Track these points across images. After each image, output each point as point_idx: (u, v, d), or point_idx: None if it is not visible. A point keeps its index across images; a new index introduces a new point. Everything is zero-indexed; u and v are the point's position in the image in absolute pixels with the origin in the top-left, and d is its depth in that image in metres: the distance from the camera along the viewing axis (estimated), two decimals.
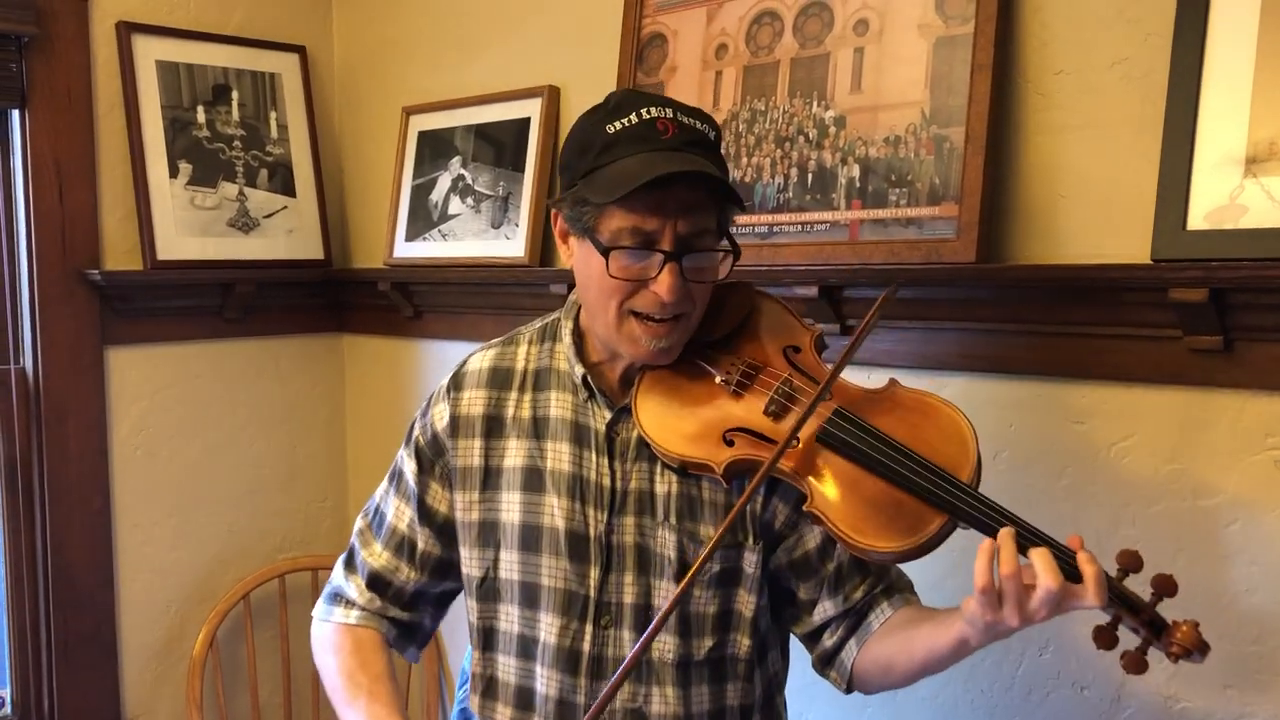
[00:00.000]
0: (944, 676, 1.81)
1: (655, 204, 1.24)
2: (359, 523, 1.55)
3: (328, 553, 2.70)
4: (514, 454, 1.42)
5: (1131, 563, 1.20)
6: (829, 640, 1.41)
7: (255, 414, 2.75)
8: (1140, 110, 1.57)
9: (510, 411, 1.43)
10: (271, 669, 2.71)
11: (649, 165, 1.22)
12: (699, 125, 1.29)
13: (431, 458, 1.47)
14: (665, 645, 1.36)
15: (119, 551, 2.52)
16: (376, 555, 1.50)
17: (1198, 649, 1.17)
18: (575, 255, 1.35)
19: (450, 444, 1.45)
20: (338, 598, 1.52)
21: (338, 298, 2.85)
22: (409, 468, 1.48)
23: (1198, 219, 1.47)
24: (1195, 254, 1.45)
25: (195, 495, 2.64)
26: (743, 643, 1.39)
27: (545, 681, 1.39)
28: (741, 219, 1.94)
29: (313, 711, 2.69)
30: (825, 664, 1.43)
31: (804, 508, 1.27)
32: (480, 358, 1.49)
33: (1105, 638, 1.21)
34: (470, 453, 1.44)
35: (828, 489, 1.27)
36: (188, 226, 2.53)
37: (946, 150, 1.70)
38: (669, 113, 1.27)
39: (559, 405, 1.41)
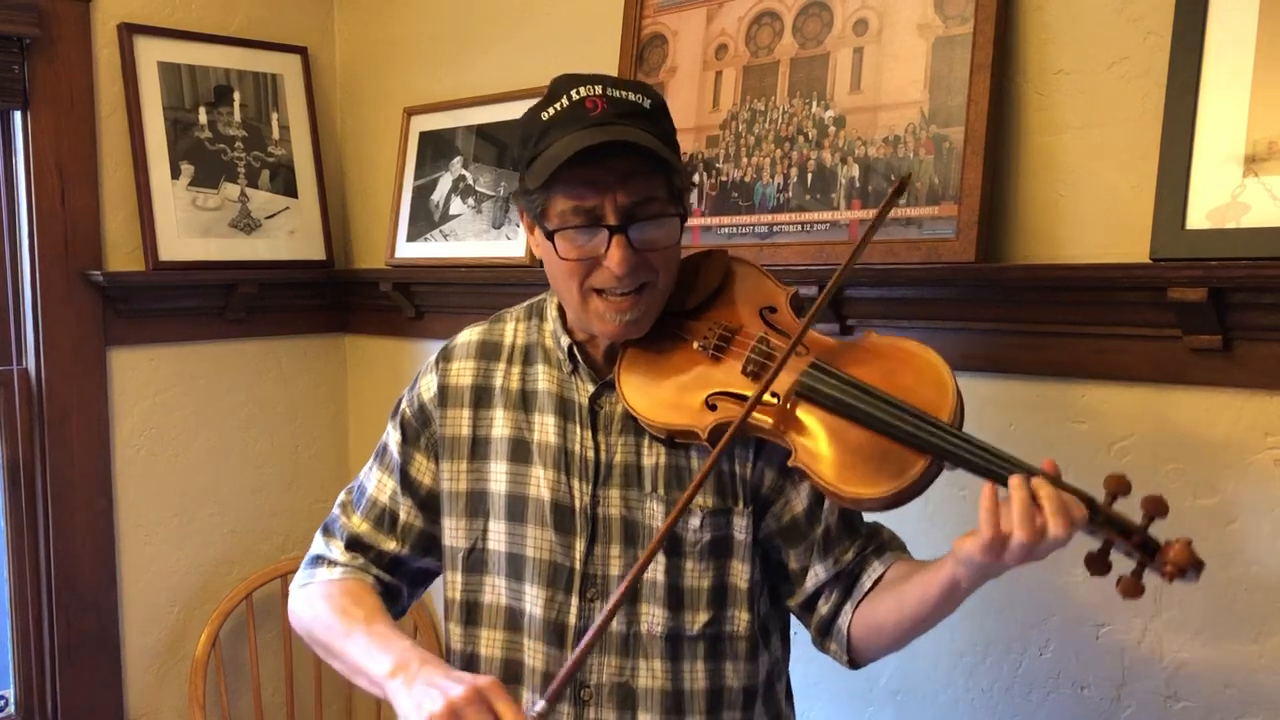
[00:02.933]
0: (945, 677, 1.81)
1: (590, 181, 1.26)
2: (340, 497, 1.55)
3: None
4: (501, 424, 1.43)
5: (1120, 487, 1.18)
6: (824, 607, 1.39)
7: (258, 414, 2.75)
8: (1140, 109, 1.57)
9: (499, 382, 1.45)
10: (274, 669, 2.71)
11: (572, 145, 1.23)
12: (631, 96, 1.30)
13: (418, 428, 1.48)
14: (653, 618, 1.36)
15: (122, 551, 2.53)
16: (356, 525, 1.50)
17: (1192, 566, 1.14)
18: (538, 244, 1.37)
19: (438, 414, 1.46)
20: (319, 560, 1.50)
21: (339, 298, 2.85)
22: (393, 439, 1.49)
23: (1198, 218, 1.47)
24: (1194, 253, 1.45)
25: (198, 495, 2.65)
26: (741, 618, 1.38)
27: (532, 654, 1.39)
28: (742, 219, 1.94)
29: (315, 712, 2.70)
30: (823, 634, 1.41)
31: (788, 463, 1.28)
32: (469, 332, 1.51)
33: (1097, 564, 1.18)
34: (459, 422, 1.45)
35: (810, 442, 1.27)
36: (190, 227, 2.53)
37: (946, 150, 1.70)
38: (598, 89, 1.29)
39: (546, 379, 1.43)
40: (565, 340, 1.41)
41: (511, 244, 2.38)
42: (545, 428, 1.41)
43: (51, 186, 2.38)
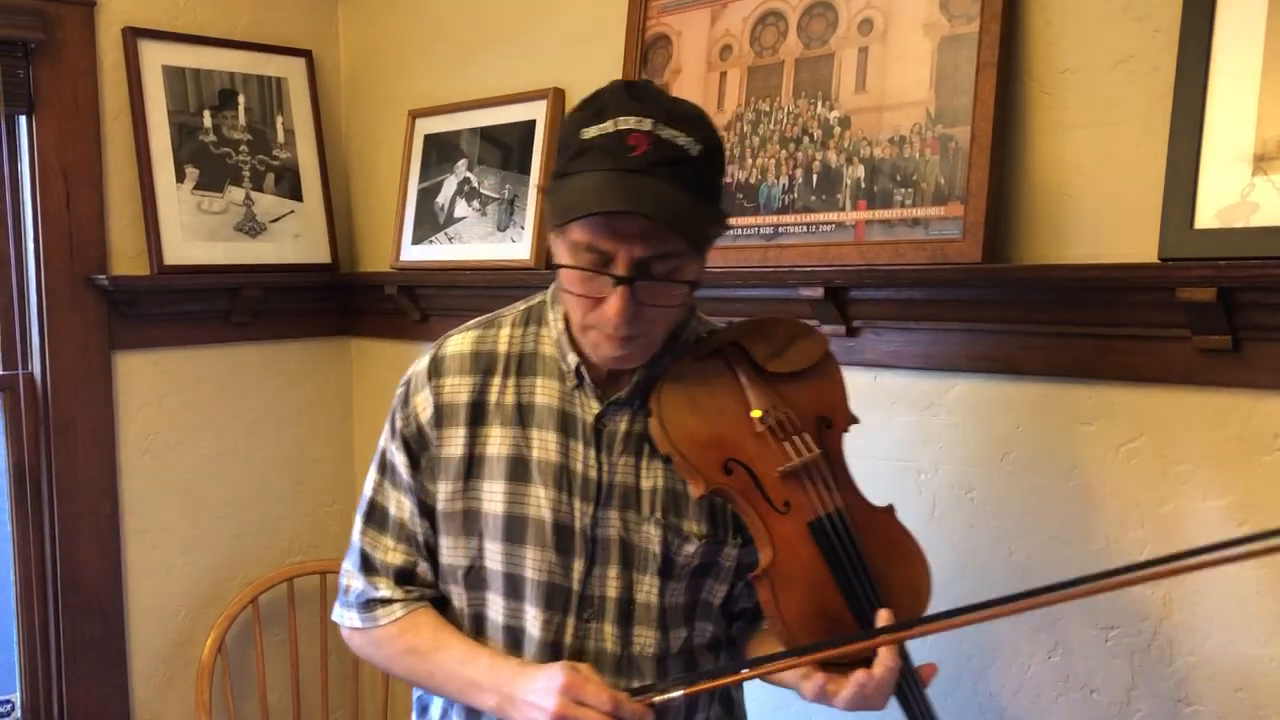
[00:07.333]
0: (952, 680, 1.80)
1: (611, 227, 1.21)
2: (358, 523, 1.50)
3: (336, 556, 2.69)
4: (498, 442, 1.39)
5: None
6: (729, 631, 1.46)
7: (263, 418, 2.75)
8: (1147, 108, 1.56)
9: (494, 397, 1.40)
10: (280, 673, 2.71)
11: (598, 193, 1.19)
12: (679, 140, 1.22)
13: (418, 452, 1.43)
14: (645, 639, 1.37)
15: (127, 556, 2.53)
16: (392, 552, 1.45)
17: None
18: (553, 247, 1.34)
19: (434, 435, 1.41)
20: (371, 603, 1.45)
21: (345, 301, 2.85)
22: (400, 460, 1.44)
23: (1207, 217, 1.46)
24: (1203, 253, 1.44)
25: (203, 499, 2.65)
26: (707, 629, 1.43)
27: None
28: (747, 220, 1.93)
29: (322, 716, 2.69)
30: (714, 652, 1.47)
31: (753, 574, 1.29)
32: (459, 340, 1.44)
33: None
34: (454, 441, 1.40)
35: (789, 568, 1.28)
36: (195, 231, 2.53)
37: (952, 150, 1.69)
38: (647, 125, 1.21)
39: (545, 392, 1.39)
40: (573, 359, 1.37)
41: (516, 246, 2.37)
42: (546, 444, 1.37)
43: (56, 191, 2.38)
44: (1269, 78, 1.43)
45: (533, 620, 1.37)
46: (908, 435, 1.83)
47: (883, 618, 1.25)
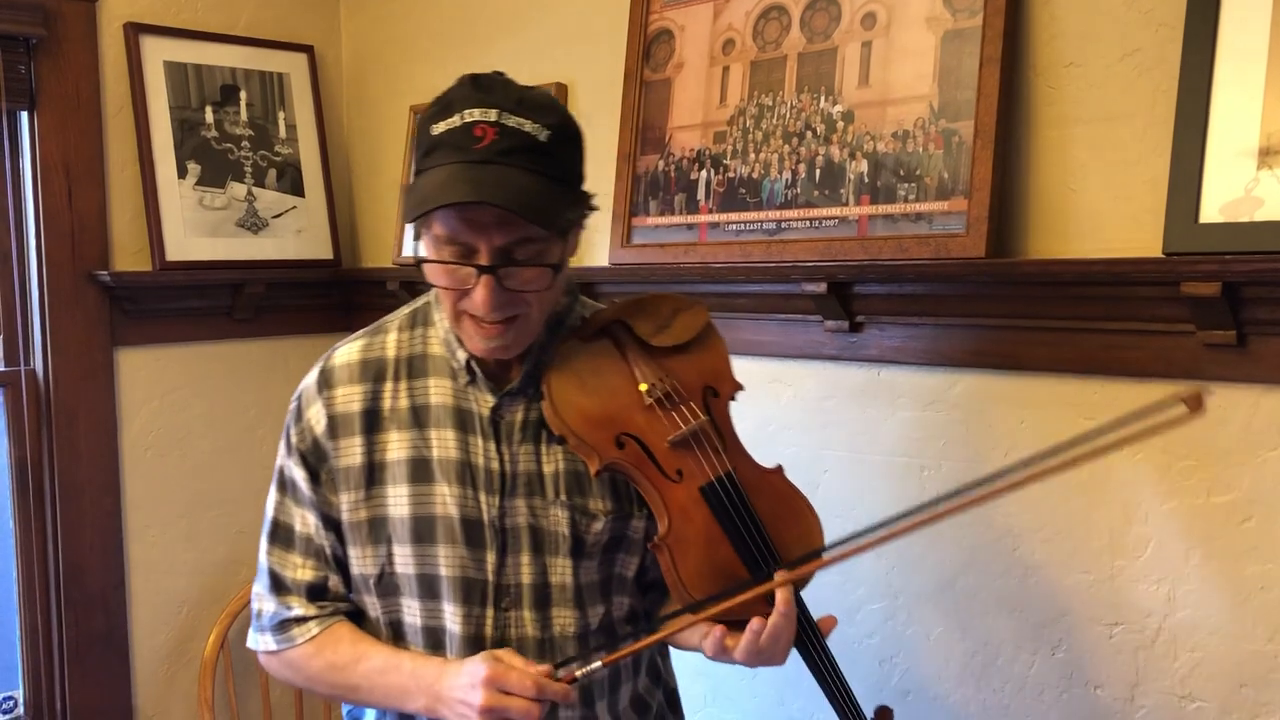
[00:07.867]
0: (956, 678, 1.80)
1: (466, 219, 1.22)
2: (264, 544, 1.46)
3: None
4: (396, 446, 1.39)
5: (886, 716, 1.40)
6: (645, 602, 1.48)
7: (265, 414, 2.75)
8: (1151, 102, 1.55)
9: (388, 403, 1.40)
10: None
11: (445, 185, 1.20)
12: (526, 127, 1.23)
13: (315, 465, 1.42)
14: (565, 620, 1.39)
15: (130, 552, 2.53)
16: (301, 569, 1.43)
17: None
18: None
19: (331, 446, 1.40)
20: (286, 623, 1.43)
21: (347, 297, 2.85)
22: (299, 476, 1.42)
23: (1211, 212, 1.45)
24: (1208, 247, 1.43)
25: (206, 496, 2.65)
26: (624, 603, 1.44)
27: None
28: (750, 215, 1.93)
29: (324, 712, 2.70)
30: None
31: (653, 540, 1.33)
32: (347, 351, 1.44)
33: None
34: (352, 451, 1.40)
35: (685, 533, 1.31)
36: (197, 227, 2.53)
37: (955, 144, 1.69)
38: (493, 115, 1.22)
39: (438, 392, 1.39)
40: (463, 355, 1.37)
41: None
42: (445, 442, 1.38)
43: (58, 187, 2.38)
44: (1274, 72, 1.42)
45: (452, 617, 1.37)
46: (911, 431, 1.83)
47: (779, 579, 1.28)
